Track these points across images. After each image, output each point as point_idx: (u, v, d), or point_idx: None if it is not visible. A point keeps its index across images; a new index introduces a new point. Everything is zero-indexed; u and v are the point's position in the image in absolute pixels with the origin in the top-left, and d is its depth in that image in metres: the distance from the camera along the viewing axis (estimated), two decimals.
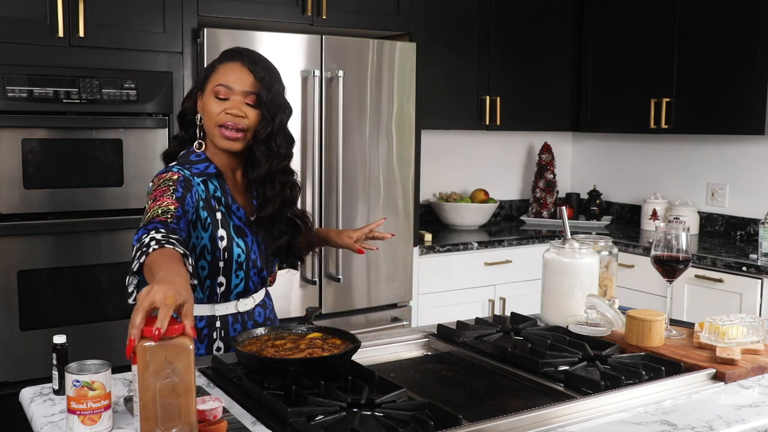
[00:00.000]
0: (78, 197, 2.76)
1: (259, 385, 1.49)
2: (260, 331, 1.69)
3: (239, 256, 1.75)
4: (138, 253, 1.38)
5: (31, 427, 1.45)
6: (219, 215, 1.73)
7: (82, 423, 1.31)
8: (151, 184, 1.68)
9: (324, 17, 3.17)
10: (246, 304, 1.83)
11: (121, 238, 2.85)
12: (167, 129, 2.89)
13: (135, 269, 1.37)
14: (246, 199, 1.82)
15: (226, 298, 1.78)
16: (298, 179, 1.88)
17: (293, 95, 3.08)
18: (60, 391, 1.51)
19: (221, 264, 1.73)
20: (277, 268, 1.94)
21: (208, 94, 1.72)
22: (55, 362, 1.52)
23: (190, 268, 1.39)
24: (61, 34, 2.66)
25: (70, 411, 1.31)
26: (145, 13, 2.83)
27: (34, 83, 2.63)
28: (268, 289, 1.96)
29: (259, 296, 1.87)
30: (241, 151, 1.76)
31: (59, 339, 1.55)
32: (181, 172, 1.68)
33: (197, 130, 1.76)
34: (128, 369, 1.55)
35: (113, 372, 1.39)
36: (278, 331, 1.71)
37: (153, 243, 1.38)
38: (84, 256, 2.79)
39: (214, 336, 1.79)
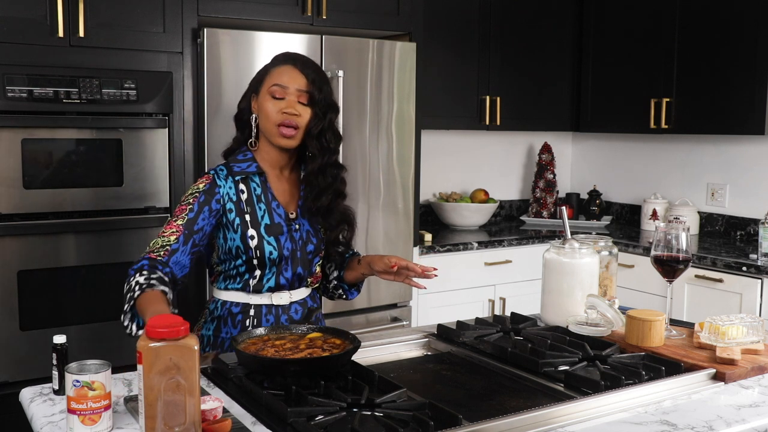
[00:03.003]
0: (78, 197, 2.76)
1: (259, 385, 1.49)
2: (260, 331, 1.70)
3: (271, 253, 1.83)
4: (128, 296, 1.64)
5: (31, 427, 1.45)
6: (248, 216, 1.83)
7: (82, 423, 1.31)
8: (192, 186, 1.85)
9: (324, 17, 3.17)
10: (281, 298, 1.89)
11: (121, 238, 2.85)
12: (167, 129, 2.89)
13: (127, 310, 1.63)
14: (289, 197, 1.91)
15: (258, 290, 1.86)
16: (346, 174, 1.96)
17: None
18: (60, 391, 1.51)
19: (255, 261, 1.83)
20: (318, 268, 1.97)
21: (263, 95, 1.83)
22: (55, 362, 1.52)
23: (170, 299, 1.63)
24: (61, 34, 2.66)
25: (70, 411, 1.31)
26: (145, 13, 2.83)
27: (34, 83, 2.63)
28: (318, 293, 2.04)
29: (297, 294, 1.92)
30: (291, 150, 1.88)
31: (59, 339, 1.55)
32: (213, 176, 1.83)
33: (252, 130, 1.87)
34: (128, 369, 1.56)
35: (113, 372, 1.39)
36: (278, 331, 1.71)
37: (137, 288, 1.62)
38: (84, 256, 2.79)
39: (247, 323, 1.87)
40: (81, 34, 2.69)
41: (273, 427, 1.35)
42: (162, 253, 1.73)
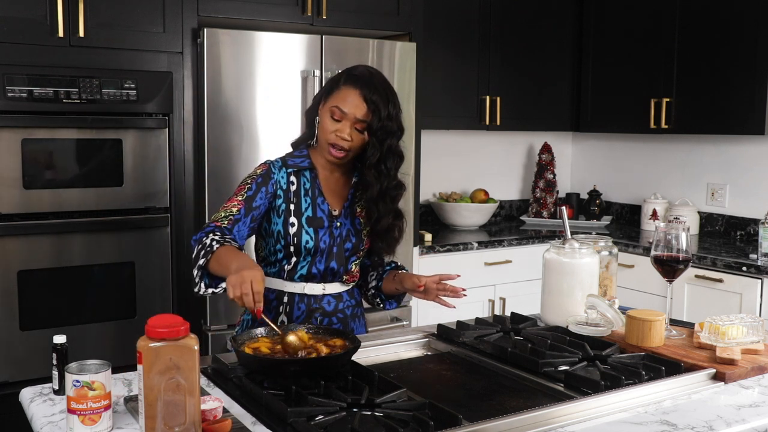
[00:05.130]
0: (78, 197, 2.76)
1: (259, 385, 1.49)
2: (260, 331, 1.70)
3: (307, 242, 1.90)
4: (202, 252, 1.73)
5: (31, 427, 1.45)
6: (293, 206, 1.91)
7: (82, 423, 1.31)
8: (249, 173, 1.96)
9: (324, 17, 3.17)
10: (314, 289, 1.94)
11: (121, 238, 2.85)
12: (167, 129, 2.89)
13: (203, 264, 1.72)
14: (336, 196, 1.97)
15: (291, 277, 1.92)
16: (405, 184, 2.01)
17: (293, 95, 3.08)
18: (60, 391, 1.51)
19: (291, 248, 1.90)
20: (355, 267, 2.00)
21: (326, 109, 1.89)
22: (55, 362, 1.52)
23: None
24: (61, 34, 2.66)
25: (70, 411, 1.31)
26: (145, 13, 2.83)
27: (34, 83, 2.63)
28: (355, 290, 2.05)
29: (331, 287, 1.96)
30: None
31: (59, 339, 1.55)
32: (269, 165, 1.94)
33: (315, 131, 1.95)
34: (128, 369, 1.56)
35: (113, 372, 1.39)
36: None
37: (215, 243, 1.73)
38: (84, 256, 2.79)
39: (280, 309, 1.93)
40: (81, 34, 2.69)
41: (273, 427, 1.35)
42: (226, 222, 1.83)
